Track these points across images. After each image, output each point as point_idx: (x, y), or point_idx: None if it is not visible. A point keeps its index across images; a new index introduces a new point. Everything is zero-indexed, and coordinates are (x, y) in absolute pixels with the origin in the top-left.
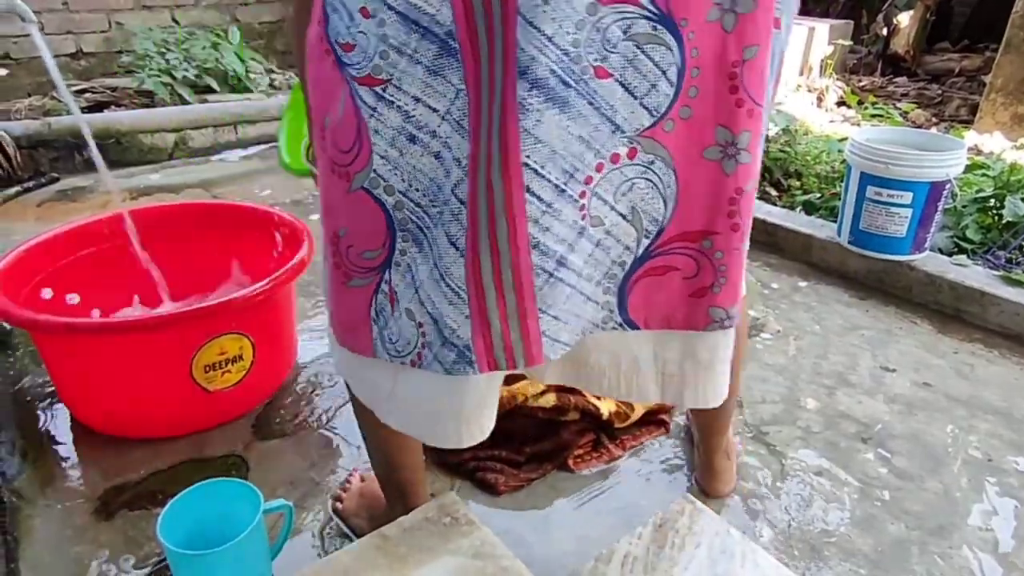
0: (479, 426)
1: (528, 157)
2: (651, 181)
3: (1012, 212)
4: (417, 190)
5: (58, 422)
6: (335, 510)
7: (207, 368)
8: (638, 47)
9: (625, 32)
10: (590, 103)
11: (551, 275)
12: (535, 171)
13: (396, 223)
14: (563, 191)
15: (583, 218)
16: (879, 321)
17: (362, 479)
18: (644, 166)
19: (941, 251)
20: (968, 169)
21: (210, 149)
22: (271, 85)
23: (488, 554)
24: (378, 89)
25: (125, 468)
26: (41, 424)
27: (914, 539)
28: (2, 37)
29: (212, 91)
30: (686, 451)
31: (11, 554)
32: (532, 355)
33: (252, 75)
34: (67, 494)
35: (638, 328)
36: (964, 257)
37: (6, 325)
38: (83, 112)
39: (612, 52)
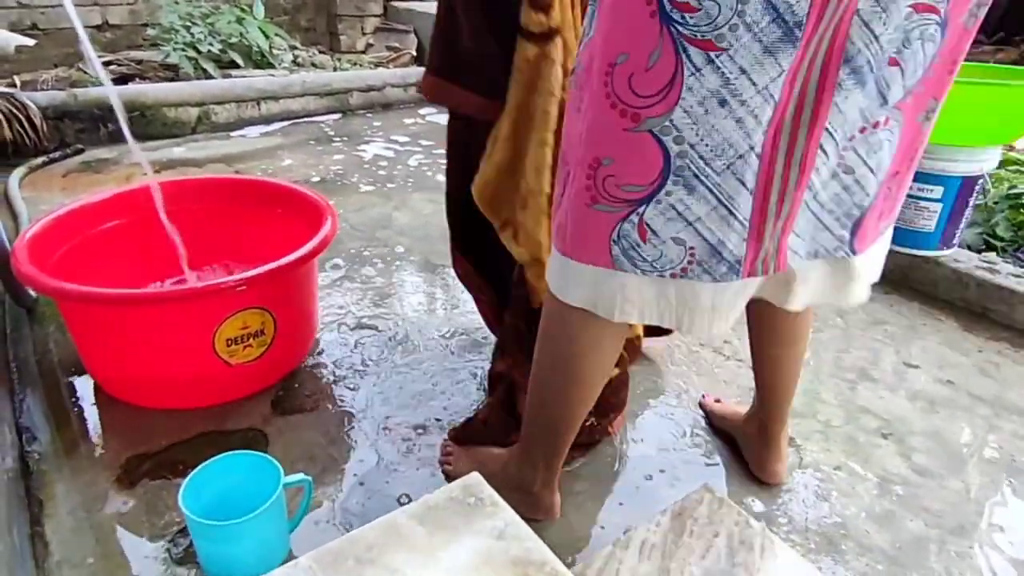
0: (725, 320)
1: (830, 123)
2: (891, 142)
3: None
4: (707, 145)
5: (82, 391)
6: (445, 473)
7: (229, 342)
8: (922, 43)
9: (921, 35)
10: (875, 83)
11: (807, 205)
12: (830, 134)
13: (673, 169)
14: (837, 147)
15: (838, 165)
16: (903, 316)
17: (458, 445)
18: (890, 131)
19: (970, 247)
20: (1002, 164)
21: (233, 124)
22: (294, 62)
23: (512, 535)
24: (712, 54)
25: (147, 438)
26: (66, 392)
27: (933, 537)
28: (30, 8)
29: (236, 66)
30: (709, 442)
31: (35, 518)
32: (780, 264)
33: (276, 51)
34: (90, 461)
35: (858, 253)
36: (993, 255)
37: (34, 293)
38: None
39: (906, 48)
